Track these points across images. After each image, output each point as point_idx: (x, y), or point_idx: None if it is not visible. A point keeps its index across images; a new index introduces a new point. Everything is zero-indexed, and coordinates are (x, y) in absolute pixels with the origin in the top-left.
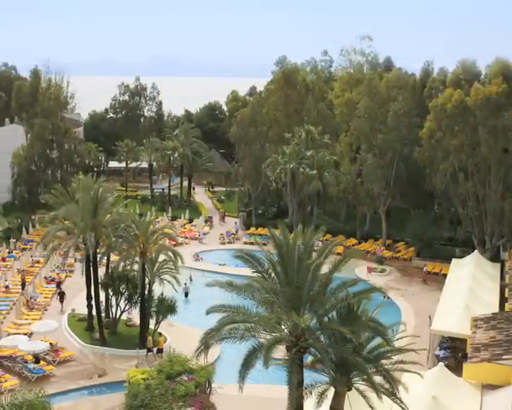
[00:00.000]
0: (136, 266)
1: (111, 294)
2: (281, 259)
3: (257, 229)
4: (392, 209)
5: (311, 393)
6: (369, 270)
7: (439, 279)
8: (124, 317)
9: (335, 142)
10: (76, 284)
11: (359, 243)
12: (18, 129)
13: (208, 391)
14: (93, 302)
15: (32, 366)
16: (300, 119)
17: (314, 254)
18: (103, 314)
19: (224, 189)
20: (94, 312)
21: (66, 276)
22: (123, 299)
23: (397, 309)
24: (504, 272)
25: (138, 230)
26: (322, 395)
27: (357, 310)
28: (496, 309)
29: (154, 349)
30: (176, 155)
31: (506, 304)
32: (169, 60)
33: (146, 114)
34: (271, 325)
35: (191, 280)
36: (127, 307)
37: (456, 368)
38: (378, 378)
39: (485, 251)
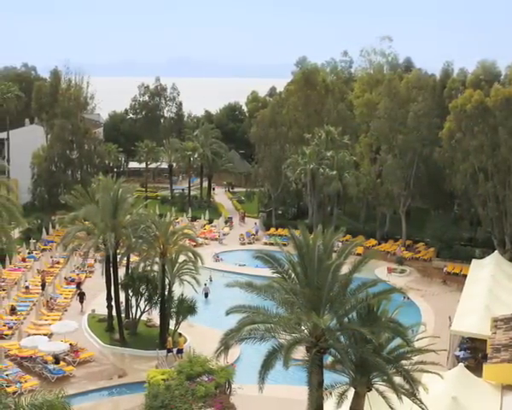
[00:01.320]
0: (156, 267)
1: (131, 294)
2: (301, 259)
3: (277, 229)
4: (411, 210)
5: (331, 394)
6: (389, 270)
7: (458, 280)
8: (144, 317)
9: (355, 142)
10: (96, 285)
11: (379, 244)
12: (38, 130)
13: (228, 392)
14: (113, 303)
15: (52, 366)
16: (320, 119)
17: (334, 255)
18: (123, 315)
19: (244, 189)
20: (114, 312)
21: (86, 276)
22: (143, 300)
23: (417, 310)
24: None
25: (158, 230)
26: (342, 396)
27: (377, 311)
28: None
29: (174, 350)
30: (196, 156)
31: None
32: (189, 60)
33: (166, 114)
34: (291, 326)
35: (211, 281)
36: (147, 308)
37: (476, 369)
38: (398, 379)
39: (505, 252)
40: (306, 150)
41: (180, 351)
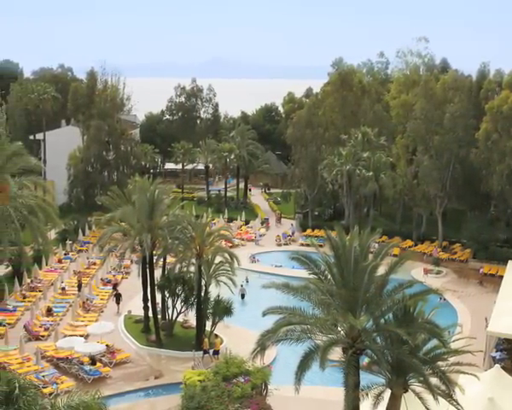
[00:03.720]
0: (192, 268)
1: (167, 295)
2: (337, 260)
3: (313, 230)
4: (448, 211)
5: (367, 395)
6: (426, 271)
7: (495, 281)
8: (180, 319)
9: (391, 143)
10: (132, 286)
11: (415, 245)
12: (74, 131)
13: (264, 393)
14: (149, 304)
15: (88, 367)
16: (357, 120)
17: (370, 256)
18: (159, 316)
19: (281, 190)
20: (150, 314)
21: (122, 278)
22: (179, 301)
23: (453, 311)
24: None
25: (194, 231)
26: (378, 397)
27: (414, 312)
28: None
29: (211, 351)
30: (232, 157)
31: None
32: (225, 62)
33: (202, 115)
34: (328, 327)
35: (247, 282)
36: (183, 309)
37: None
38: (434, 380)
39: None
40: (343, 151)
41: (216, 352)
